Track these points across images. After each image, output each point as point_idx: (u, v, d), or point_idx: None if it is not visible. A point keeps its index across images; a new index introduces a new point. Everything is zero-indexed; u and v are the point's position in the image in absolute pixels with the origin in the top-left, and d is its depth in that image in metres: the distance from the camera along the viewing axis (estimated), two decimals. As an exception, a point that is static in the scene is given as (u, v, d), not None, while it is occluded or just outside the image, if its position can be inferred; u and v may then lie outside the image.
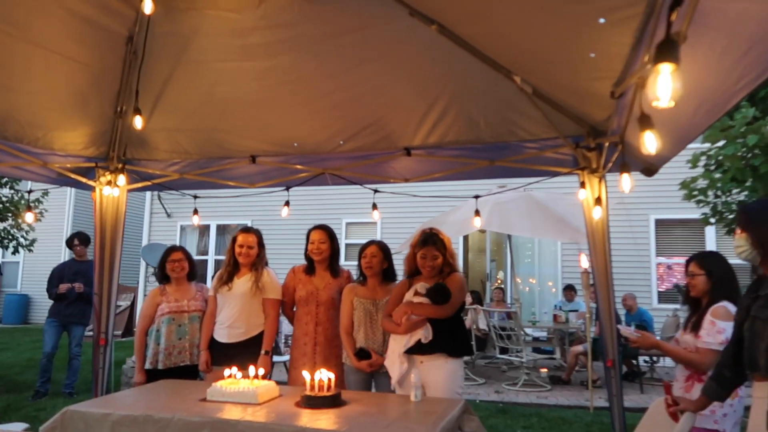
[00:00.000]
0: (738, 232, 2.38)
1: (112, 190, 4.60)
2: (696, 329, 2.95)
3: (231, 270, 4.11)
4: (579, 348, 7.97)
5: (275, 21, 3.47)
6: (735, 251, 2.39)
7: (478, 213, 4.74)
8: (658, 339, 3.18)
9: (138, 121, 3.49)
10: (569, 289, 9.36)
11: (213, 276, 4.46)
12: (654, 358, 8.32)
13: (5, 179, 8.61)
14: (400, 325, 3.43)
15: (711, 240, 10.20)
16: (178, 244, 13.85)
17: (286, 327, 7.33)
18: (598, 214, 3.47)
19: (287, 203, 4.89)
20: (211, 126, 4.43)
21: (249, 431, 2.71)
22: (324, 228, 4.07)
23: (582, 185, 3.89)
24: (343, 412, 2.96)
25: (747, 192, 6.16)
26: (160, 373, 4.04)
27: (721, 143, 6.43)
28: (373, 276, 3.86)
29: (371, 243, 3.94)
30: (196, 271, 4.48)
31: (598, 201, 3.45)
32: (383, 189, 4.86)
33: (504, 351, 8.09)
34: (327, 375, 3.10)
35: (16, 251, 8.95)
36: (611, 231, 3.92)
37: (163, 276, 4.36)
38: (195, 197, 5.07)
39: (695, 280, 3.02)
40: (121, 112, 4.31)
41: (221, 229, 13.84)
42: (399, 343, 3.48)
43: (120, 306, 13.30)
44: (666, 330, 8.08)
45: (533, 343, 8.98)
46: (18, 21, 3.22)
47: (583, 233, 7.39)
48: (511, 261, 9.84)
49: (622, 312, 8.04)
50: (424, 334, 3.39)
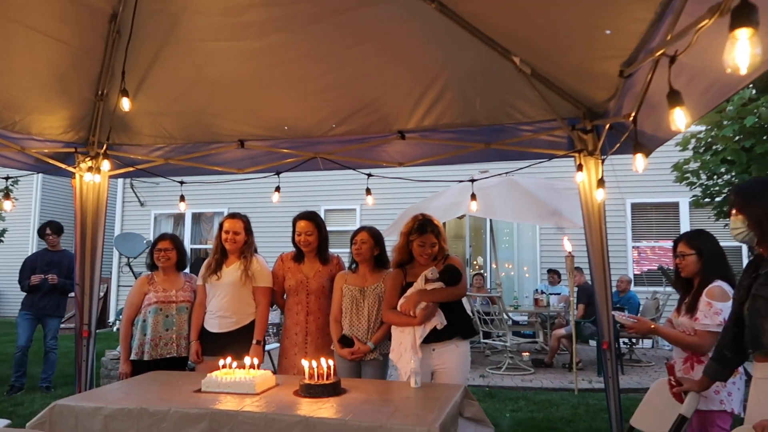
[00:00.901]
0: (733, 213, 2.33)
1: (93, 176, 4.41)
2: (692, 311, 2.91)
3: (219, 258, 4.00)
4: (561, 331, 8.06)
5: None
6: (731, 233, 2.35)
7: (474, 197, 4.69)
8: (655, 324, 3.16)
9: (125, 103, 3.33)
10: (553, 273, 9.45)
11: (148, 268, 4.28)
12: (633, 340, 8.47)
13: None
14: (415, 317, 3.36)
15: (685, 223, 10.40)
16: (151, 233, 13.75)
17: (271, 316, 7.23)
18: (600, 195, 3.46)
19: (278, 189, 4.77)
20: (199, 109, 4.27)
21: (250, 422, 2.65)
22: (310, 217, 3.94)
23: (579, 168, 3.88)
24: (344, 400, 2.90)
25: (739, 173, 6.22)
26: (145, 365, 3.92)
27: (704, 127, 6.50)
28: (364, 263, 3.79)
29: (361, 229, 3.86)
30: (185, 261, 4.35)
31: (600, 183, 3.44)
32: (367, 174, 4.76)
33: (486, 336, 8.13)
34: (326, 363, 3.04)
35: (-16, 242, 8.58)
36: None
37: (152, 264, 4.23)
38: (181, 183, 4.91)
39: (685, 260, 2.98)
40: (103, 95, 4.13)
41: (196, 218, 13.58)
42: (408, 335, 3.39)
43: (92, 298, 12.98)
44: (646, 313, 8.22)
45: (514, 327, 9.06)
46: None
47: (566, 217, 7.55)
48: (493, 246, 9.89)
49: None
50: (438, 320, 3.34)
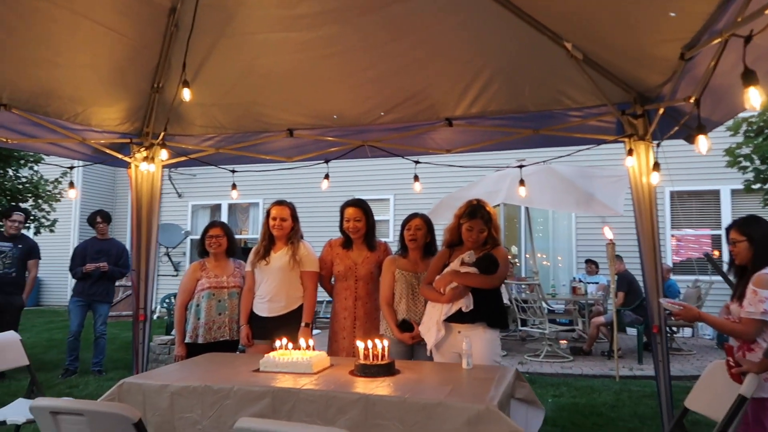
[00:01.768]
0: None
1: (148, 165, 4.57)
2: (741, 299, 2.90)
3: (267, 244, 4.10)
4: (600, 319, 8.04)
5: (323, -9, 3.42)
6: None
7: (522, 183, 4.71)
8: (700, 311, 3.15)
9: (186, 93, 3.44)
10: (591, 263, 9.42)
11: (199, 255, 4.43)
12: (674, 328, 8.39)
13: (23, 160, 8.53)
14: (443, 294, 3.44)
15: (726, 211, 10.22)
16: (188, 224, 14.04)
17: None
18: (655, 179, 3.45)
19: (327, 176, 4.86)
20: (250, 100, 4.38)
21: (311, 399, 2.74)
22: (358, 204, 4.04)
23: (629, 153, 3.88)
24: (399, 380, 2.98)
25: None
26: (199, 348, 4.07)
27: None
28: (416, 249, 3.85)
29: (415, 216, 3.90)
30: (235, 248, 4.48)
31: (656, 166, 3.44)
32: (398, 165, 4.80)
33: (523, 323, 8.14)
34: (381, 344, 3.12)
35: (38, 232, 8.90)
36: (627, 204, 3.88)
37: (203, 251, 4.37)
38: (233, 172, 5.04)
39: (737, 247, 2.97)
40: (158, 87, 4.27)
41: (232, 208, 13.82)
42: (437, 310, 3.49)
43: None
44: (687, 301, 8.13)
45: (550, 315, 9.06)
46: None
47: (605, 205, 7.51)
48: (530, 235, 9.89)
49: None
50: (465, 303, 3.40)
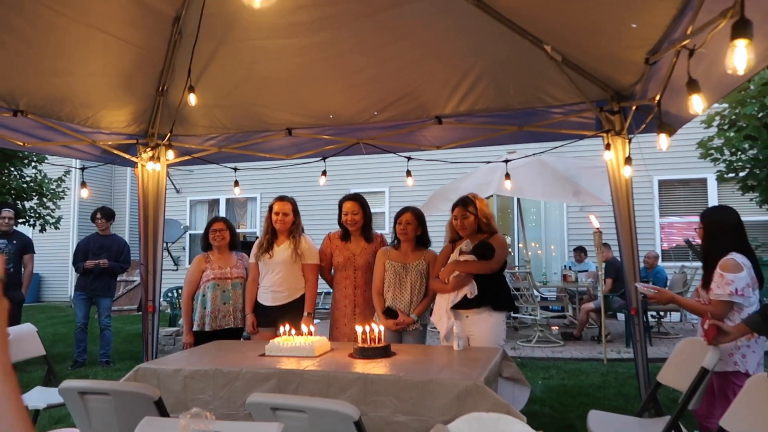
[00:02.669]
0: None
1: (154, 165, 4.81)
2: (709, 282, 3.11)
3: (270, 238, 4.32)
4: (590, 305, 8.33)
5: (317, 0, 3.65)
6: None
7: (508, 176, 4.98)
8: (673, 293, 3.40)
9: (192, 99, 3.69)
10: (579, 251, 9.70)
11: (203, 248, 4.67)
12: (661, 313, 8.70)
13: (27, 160, 8.76)
14: (447, 284, 3.71)
15: (713, 198, 10.51)
16: (187, 219, 14.26)
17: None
18: (628, 172, 3.73)
19: (324, 173, 5.12)
20: (250, 101, 4.63)
21: (314, 379, 2.98)
22: (355, 198, 4.27)
23: (607, 147, 4.14)
24: (395, 361, 3.23)
25: (761, 149, 6.46)
26: (206, 335, 4.31)
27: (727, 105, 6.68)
28: (407, 241, 4.09)
29: (406, 210, 4.12)
30: (237, 241, 4.71)
31: (628, 160, 3.71)
32: (391, 159, 5.05)
33: (515, 312, 8.41)
34: (378, 329, 3.38)
35: (43, 229, 9.14)
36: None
37: (207, 244, 4.60)
38: (235, 170, 5.30)
39: (698, 232, 3.25)
40: (163, 90, 4.51)
41: (230, 203, 14.04)
42: (446, 300, 3.76)
43: (134, 281, 13.56)
44: (673, 286, 8.44)
45: (542, 303, 9.35)
46: (81, 5, 3.40)
47: (591, 194, 7.77)
48: (522, 225, 10.15)
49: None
50: (470, 289, 3.67)
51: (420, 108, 4.51)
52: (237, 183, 5.37)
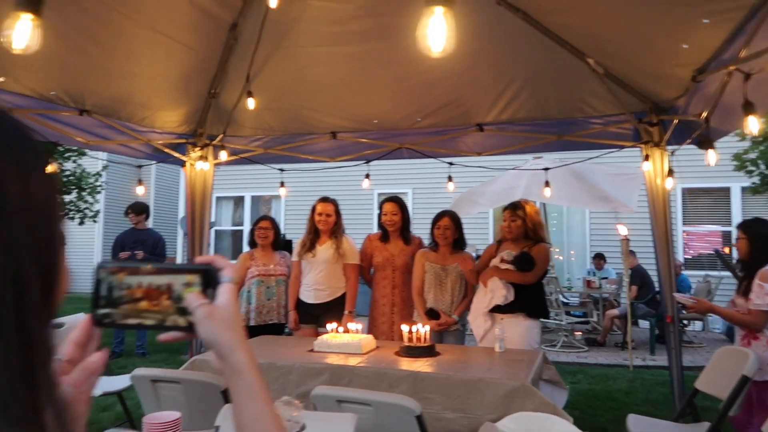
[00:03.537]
0: None
1: (203, 164, 4.99)
2: (747, 292, 3.21)
3: (313, 237, 4.45)
4: (614, 311, 8.39)
5: (373, 11, 3.81)
6: None
7: (548, 184, 5.09)
8: (711, 303, 3.48)
9: (251, 102, 3.86)
10: (599, 258, 9.76)
11: (249, 245, 4.83)
12: (684, 321, 8.73)
13: (67, 154, 9.02)
14: (485, 287, 3.85)
15: (737, 208, 10.50)
16: (213, 215, 14.47)
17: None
18: (669, 184, 3.83)
19: (367, 176, 5.27)
20: (299, 105, 4.79)
21: (365, 375, 3.10)
22: (395, 200, 4.42)
23: (645, 158, 4.24)
24: (440, 360, 3.34)
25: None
26: (251, 330, 4.45)
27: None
28: (446, 245, 4.21)
29: (444, 214, 4.24)
30: (281, 240, 4.86)
31: (670, 173, 3.81)
32: (414, 161, 5.17)
33: (547, 317, 8.49)
34: (423, 329, 3.50)
35: (82, 222, 9.39)
36: (641, 201, 4.21)
37: (252, 241, 4.76)
38: (281, 170, 5.46)
39: (738, 243, 3.33)
40: (215, 93, 4.68)
41: (255, 200, 14.24)
42: (483, 304, 3.89)
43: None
44: (698, 295, 8.45)
45: (565, 308, 9.42)
46: (149, 11, 3.58)
47: (619, 202, 7.83)
48: (546, 229, 10.22)
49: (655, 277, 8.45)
50: (505, 295, 3.78)
51: (463, 115, 4.64)
52: (283, 184, 5.52)
